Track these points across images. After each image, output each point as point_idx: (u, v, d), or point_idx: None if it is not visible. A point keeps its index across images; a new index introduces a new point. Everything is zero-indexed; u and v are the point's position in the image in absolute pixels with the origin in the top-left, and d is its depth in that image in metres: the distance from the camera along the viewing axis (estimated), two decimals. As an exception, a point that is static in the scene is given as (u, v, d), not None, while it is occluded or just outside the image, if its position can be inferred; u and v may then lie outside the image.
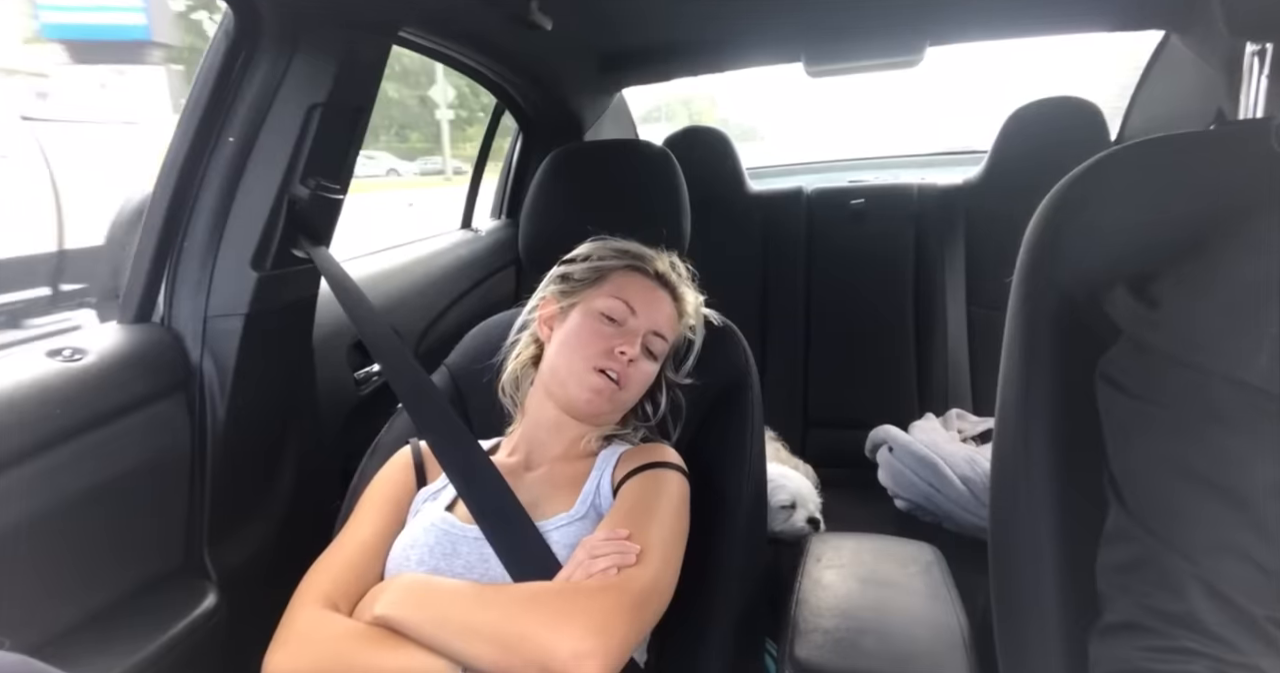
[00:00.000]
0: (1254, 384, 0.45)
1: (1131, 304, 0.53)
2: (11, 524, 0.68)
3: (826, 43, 1.56)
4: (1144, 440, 0.50)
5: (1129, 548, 0.50)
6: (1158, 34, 1.61)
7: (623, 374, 0.79)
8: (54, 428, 0.73)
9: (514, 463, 0.81)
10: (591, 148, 1.53)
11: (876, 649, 0.73)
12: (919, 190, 1.84)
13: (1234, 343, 0.46)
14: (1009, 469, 0.62)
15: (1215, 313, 0.49)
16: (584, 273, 0.87)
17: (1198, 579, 0.45)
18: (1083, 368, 0.57)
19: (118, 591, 0.80)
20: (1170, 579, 0.47)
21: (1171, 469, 0.47)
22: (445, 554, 0.70)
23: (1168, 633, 0.46)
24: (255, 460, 0.97)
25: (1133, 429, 0.51)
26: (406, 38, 1.15)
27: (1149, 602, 0.48)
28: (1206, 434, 0.46)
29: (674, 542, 0.70)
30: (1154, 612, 0.47)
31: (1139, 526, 0.49)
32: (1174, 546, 0.47)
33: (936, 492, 1.32)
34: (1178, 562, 0.46)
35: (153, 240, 0.89)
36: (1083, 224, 0.60)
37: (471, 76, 1.53)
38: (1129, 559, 0.50)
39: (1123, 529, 0.51)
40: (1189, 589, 0.46)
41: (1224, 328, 0.47)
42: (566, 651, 0.56)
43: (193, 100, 0.88)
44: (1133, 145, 0.62)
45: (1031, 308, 0.62)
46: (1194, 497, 0.46)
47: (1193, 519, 0.46)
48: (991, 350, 0.68)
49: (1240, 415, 0.45)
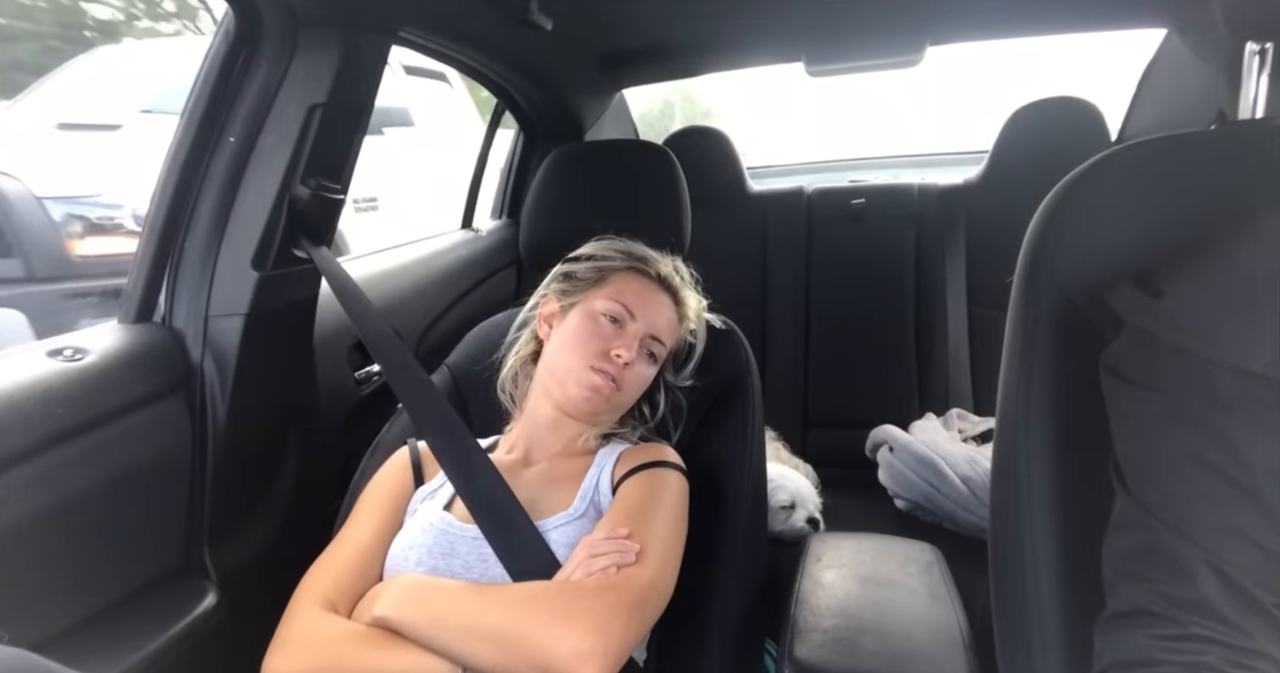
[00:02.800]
0: (1256, 372, 0.45)
1: (1135, 296, 0.53)
2: (12, 524, 0.68)
3: (826, 43, 1.55)
4: (1148, 428, 0.50)
5: (1137, 534, 0.50)
6: (1158, 34, 1.61)
7: (619, 376, 0.79)
8: (55, 428, 0.73)
9: (512, 461, 0.81)
10: (592, 148, 1.52)
11: (876, 649, 0.73)
12: (919, 190, 1.84)
13: (1236, 332, 0.47)
14: (1009, 469, 0.62)
15: (1217, 303, 0.49)
16: (586, 272, 0.87)
17: (1208, 565, 0.45)
18: (1084, 365, 0.57)
19: (118, 590, 0.80)
20: (1181, 565, 0.46)
21: (1177, 455, 0.47)
22: (444, 554, 0.70)
23: (1180, 620, 0.46)
24: (255, 460, 0.97)
25: (1136, 417, 0.51)
26: (406, 38, 1.15)
27: (1160, 588, 0.47)
28: (1209, 420, 0.46)
29: (674, 541, 0.70)
30: (1165, 598, 0.47)
31: (1146, 512, 0.49)
32: (1182, 531, 0.46)
33: (937, 492, 1.32)
34: (1187, 547, 0.46)
35: (154, 240, 0.89)
36: (1083, 224, 0.61)
37: (472, 76, 1.53)
38: (1137, 546, 0.50)
39: (1130, 516, 0.50)
40: (1200, 575, 0.45)
41: (1226, 317, 0.48)
42: (566, 650, 0.56)
43: (193, 100, 0.88)
44: (1133, 145, 0.62)
45: (1032, 307, 0.62)
46: (1200, 482, 0.46)
47: (1199, 504, 0.46)
48: (992, 350, 0.68)
49: (1242, 402, 0.45)
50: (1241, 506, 0.45)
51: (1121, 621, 0.50)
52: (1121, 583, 0.50)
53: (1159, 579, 0.48)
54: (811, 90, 10.02)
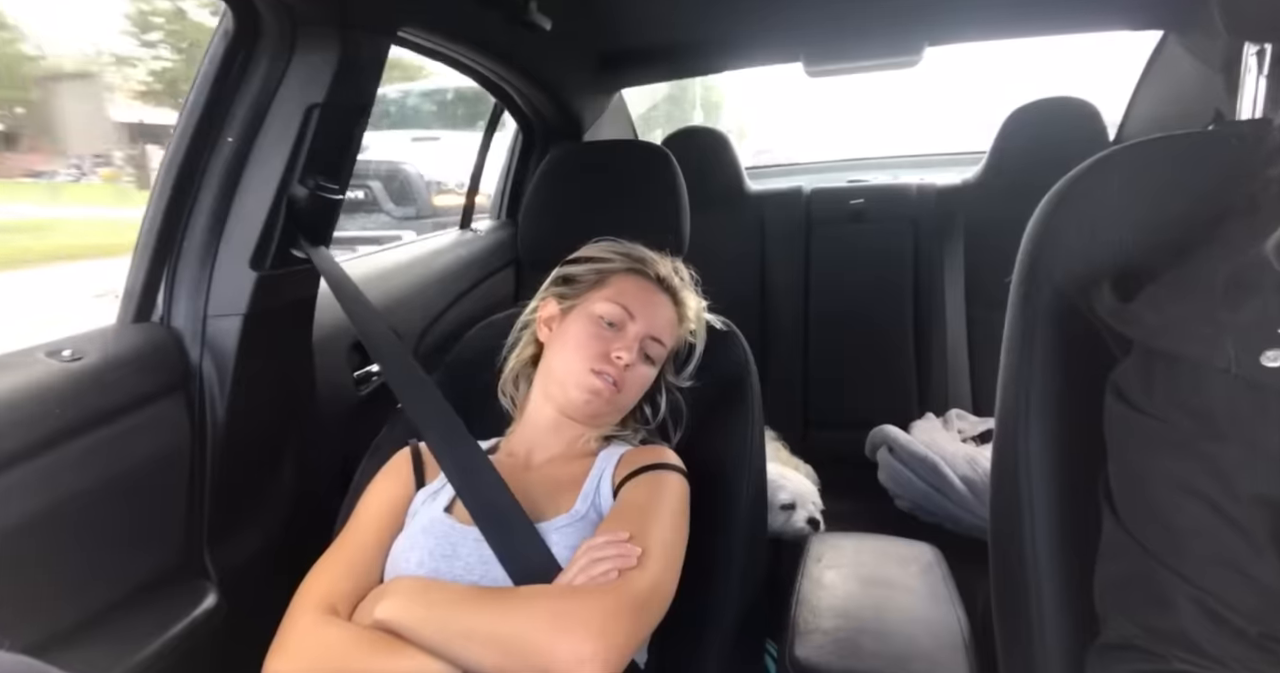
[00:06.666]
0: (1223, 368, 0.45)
1: (1110, 300, 0.53)
2: (11, 524, 0.68)
3: (826, 43, 1.56)
4: (1140, 454, 0.50)
5: (1123, 564, 0.50)
6: (1157, 34, 1.61)
7: (619, 378, 0.79)
8: (54, 428, 0.73)
9: (513, 463, 0.81)
10: (591, 148, 1.53)
11: (876, 649, 0.73)
12: (918, 190, 1.84)
13: (1200, 330, 0.47)
14: (1009, 469, 0.62)
15: (1184, 303, 0.49)
16: (585, 275, 0.87)
17: (1190, 597, 0.45)
18: (1083, 369, 0.57)
19: (117, 591, 0.80)
20: (1162, 596, 0.46)
21: (1166, 483, 0.47)
22: (445, 556, 0.70)
23: (1162, 653, 0.46)
24: (255, 460, 0.97)
25: (1131, 444, 0.51)
26: (406, 38, 1.15)
27: (1143, 620, 0.48)
28: (1199, 446, 0.46)
29: (675, 544, 0.69)
30: (1148, 630, 0.47)
31: (1132, 539, 0.49)
32: (1167, 562, 0.46)
33: (936, 492, 1.32)
34: (1171, 578, 0.46)
35: (152, 240, 0.89)
36: (1081, 224, 0.61)
37: (471, 76, 1.53)
38: (1123, 576, 0.50)
39: (1117, 543, 0.51)
40: (1180, 606, 0.45)
41: (1193, 318, 0.48)
42: (567, 654, 0.56)
43: (192, 100, 0.88)
44: (1131, 145, 0.62)
45: (1031, 308, 0.62)
46: (1187, 511, 0.46)
47: (1186, 535, 0.46)
48: (991, 351, 0.68)
49: (1224, 409, 0.45)
50: (1228, 535, 0.44)
51: (1111, 653, 0.50)
52: (1110, 615, 0.51)
53: (1143, 612, 0.48)
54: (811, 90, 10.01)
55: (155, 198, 0.89)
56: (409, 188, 3.94)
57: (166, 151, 0.89)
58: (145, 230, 0.89)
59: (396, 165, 3.96)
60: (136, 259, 0.90)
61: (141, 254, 0.89)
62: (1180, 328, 0.48)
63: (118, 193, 2.76)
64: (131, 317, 0.90)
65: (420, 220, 3.83)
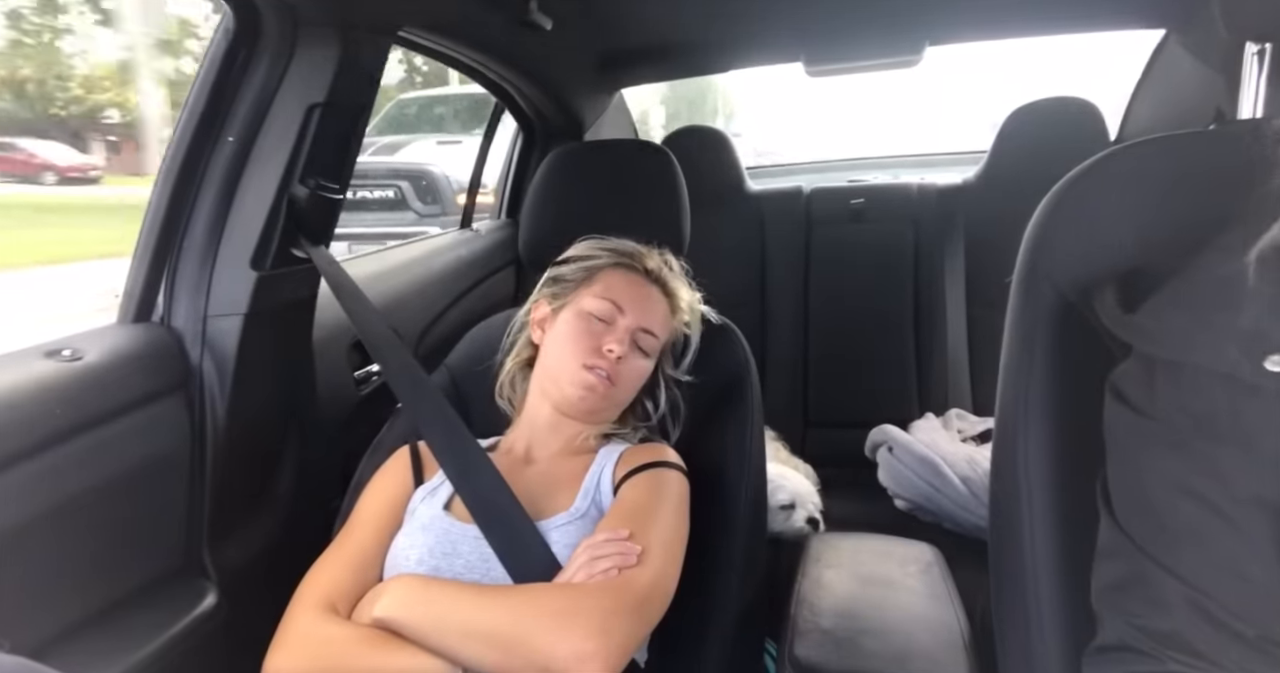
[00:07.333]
0: (1226, 372, 0.45)
1: (1112, 305, 0.53)
2: (11, 524, 0.68)
3: (826, 43, 1.56)
4: (1138, 455, 0.50)
5: (1120, 566, 0.50)
6: (1157, 34, 1.61)
7: (613, 372, 0.79)
8: (54, 428, 0.73)
9: (512, 461, 0.81)
10: (591, 148, 1.52)
11: (876, 649, 0.73)
12: (918, 190, 1.84)
13: (1203, 336, 0.47)
14: (1008, 469, 0.62)
15: (1185, 307, 0.49)
16: (574, 273, 0.87)
17: (1186, 598, 0.45)
18: (1083, 370, 0.57)
19: (117, 591, 0.80)
20: (1159, 598, 0.46)
21: (1164, 485, 0.47)
22: (445, 554, 0.70)
23: (1158, 655, 0.46)
24: (255, 460, 0.97)
25: (1131, 445, 0.51)
26: (406, 38, 1.15)
27: (1139, 622, 0.48)
28: (1197, 446, 0.46)
29: (675, 542, 0.70)
30: (1144, 632, 0.47)
31: (1128, 540, 0.49)
32: (1164, 563, 0.46)
33: (936, 492, 1.32)
34: (1167, 580, 0.46)
35: (152, 239, 0.89)
36: (1081, 224, 0.61)
37: (471, 76, 1.53)
38: (1120, 578, 0.50)
39: (1114, 545, 0.51)
40: (1176, 608, 0.45)
41: (1195, 324, 0.48)
42: (567, 652, 0.56)
43: (192, 100, 0.88)
44: (1131, 145, 0.62)
45: (1030, 308, 0.62)
46: (1184, 513, 0.46)
47: (1183, 536, 0.46)
48: (991, 350, 0.68)
49: (1225, 412, 0.45)
50: (1225, 537, 0.44)
51: (1107, 655, 0.50)
52: (1107, 616, 0.51)
53: (1139, 613, 0.48)
54: (811, 90, 10.01)
55: (155, 197, 0.89)
56: (434, 188, 4.32)
57: (166, 151, 0.89)
58: (145, 230, 0.89)
59: (423, 167, 4.33)
60: (136, 259, 0.90)
61: (142, 254, 0.89)
62: (1182, 335, 0.48)
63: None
64: (131, 316, 0.90)
65: (444, 217, 4.16)
